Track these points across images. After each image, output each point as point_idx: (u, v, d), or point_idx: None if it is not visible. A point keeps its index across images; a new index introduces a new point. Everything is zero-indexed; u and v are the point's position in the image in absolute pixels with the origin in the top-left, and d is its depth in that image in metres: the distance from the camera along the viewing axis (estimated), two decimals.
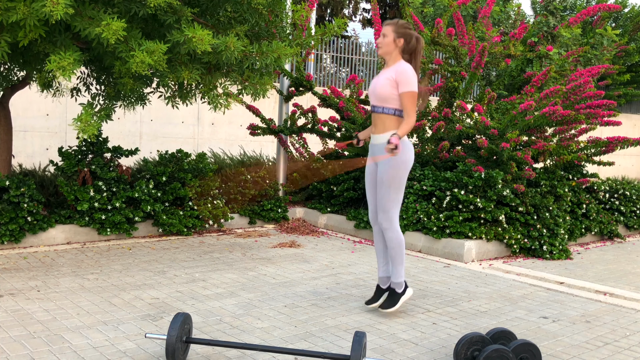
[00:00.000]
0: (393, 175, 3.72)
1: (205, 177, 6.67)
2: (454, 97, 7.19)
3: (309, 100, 10.86)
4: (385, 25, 3.79)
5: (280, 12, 5.12)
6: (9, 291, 4.05)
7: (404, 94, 3.67)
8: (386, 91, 3.72)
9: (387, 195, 3.75)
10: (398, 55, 3.79)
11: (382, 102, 3.76)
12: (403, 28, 3.76)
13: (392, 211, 3.78)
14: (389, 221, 3.78)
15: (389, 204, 3.77)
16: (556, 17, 10.21)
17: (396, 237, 3.80)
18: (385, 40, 3.76)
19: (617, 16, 15.07)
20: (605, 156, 14.57)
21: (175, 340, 2.83)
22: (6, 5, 3.89)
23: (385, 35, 3.76)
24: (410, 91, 3.66)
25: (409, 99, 3.67)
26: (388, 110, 3.76)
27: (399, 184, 3.74)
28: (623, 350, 3.50)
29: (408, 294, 3.92)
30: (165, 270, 4.81)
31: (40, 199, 5.44)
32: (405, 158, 3.73)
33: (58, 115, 8.32)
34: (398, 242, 3.81)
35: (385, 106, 3.76)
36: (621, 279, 5.32)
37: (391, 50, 3.77)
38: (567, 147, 6.82)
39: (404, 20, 3.81)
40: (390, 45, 3.76)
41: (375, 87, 3.79)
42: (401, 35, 3.75)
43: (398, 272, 3.88)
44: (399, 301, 3.88)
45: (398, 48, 3.77)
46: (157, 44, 4.13)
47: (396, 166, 3.71)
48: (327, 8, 21.92)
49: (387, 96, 3.72)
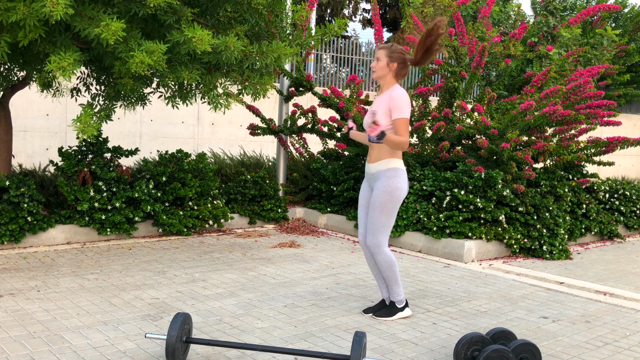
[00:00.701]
0: (386, 201, 3.72)
1: (205, 177, 6.67)
2: (454, 97, 7.19)
3: (309, 100, 10.86)
4: (379, 49, 3.80)
5: (280, 12, 5.12)
6: (9, 291, 4.05)
7: (397, 120, 3.66)
8: (382, 123, 3.71)
9: (379, 220, 3.75)
10: (392, 80, 3.79)
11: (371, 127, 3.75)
12: (397, 52, 3.76)
13: (381, 236, 3.77)
14: (377, 246, 3.78)
15: (379, 229, 3.76)
16: (556, 17, 10.21)
17: (385, 259, 3.80)
18: (379, 65, 3.77)
19: (617, 16, 15.08)
20: (605, 156, 14.57)
21: (175, 340, 2.83)
22: (6, 6, 3.89)
23: (379, 60, 3.77)
24: (403, 118, 3.66)
25: (401, 126, 3.66)
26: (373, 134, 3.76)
27: (391, 210, 3.74)
28: (623, 350, 3.50)
29: (406, 312, 3.94)
30: (165, 270, 4.81)
31: (40, 199, 5.44)
32: (400, 185, 3.74)
33: (58, 115, 8.32)
34: (389, 264, 3.81)
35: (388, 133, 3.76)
36: (621, 279, 5.32)
37: (385, 74, 3.78)
38: (567, 147, 6.82)
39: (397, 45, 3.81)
40: (384, 70, 3.77)
41: (367, 121, 3.79)
42: (394, 59, 3.75)
43: (396, 292, 3.90)
44: (396, 315, 3.90)
45: (392, 72, 3.77)
46: (156, 44, 4.13)
47: (390, 192, 3.72)
48: (327, 8, 21.92)
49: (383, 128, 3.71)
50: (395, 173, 3.73)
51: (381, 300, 4.01)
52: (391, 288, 3.88)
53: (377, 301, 4.26)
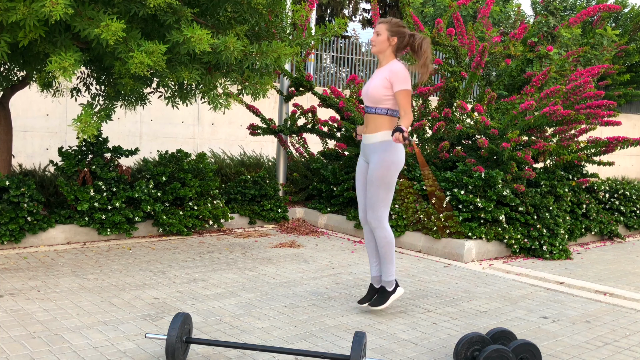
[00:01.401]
0: (383, 175, 3.73)
1: (205, 177, 6.67)
2: (454, 97, 7.19)
3: (309, 100, 10.86)
4: (379, 23, 3.80)
5: (280, 12, 5.12)
6: (9, 291, 4.05)
7: (399, 92, 3.68)
8: (379, 93, 3.73)
9: (377, 195, 3.75)
10: (391, 54, 3.80)
11: (375, 103, 3.78)
12: (397, 26, 3.76)
13: (381, 210, 3.78)
14: (378, 220, 3.78)
15: (378, 203, 3.77)
16: (556, 17, 10.21)
17: (385, 235, 3.80)
18: (379, 39, 3.77)
19: (617, 16, 15.07)
20: (605, 156, 14.57)
21: (175, 340, 2.83)
22: (6, 6, 3.89)
23: (379, 34, 3.77)
24: (405, 89, 3.68)
25: (404, 97, 3.68)
26: (381, 111, 3.78)
27: (388, 184, 3.75)
28: (623, 350, 3.50)
29: (398, 292, 3.92)
30: (165, 270, 4.81)
31: (40, 199, 5.44)
32: (396, 159, 3.74)
33: (58, 115, 8.32)
34: (387, 240, 3.81)
35: (378, 106, 3.78)
36: (621, 279, 5.32)
37: (385, 48, 3.78)
38: (567, 147, 6.82)
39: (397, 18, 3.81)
40: (384, 44, 3.77)
41: (368, 89, 3.80)
42: (395, 33, 3.76)
43: (388, 271, 3.89)
44: (389, 299, 3.89)
45: (392, 46, 3.78)
46: (156, 44, 4.13)
47: (386, 166, 3.72)
48: (327, 8, 21.92)
49: (380, 98, 3.74)
50: (391, 146, 3.73)
51: (370, 287, 4.00)
52: (385, 266, 3.87)
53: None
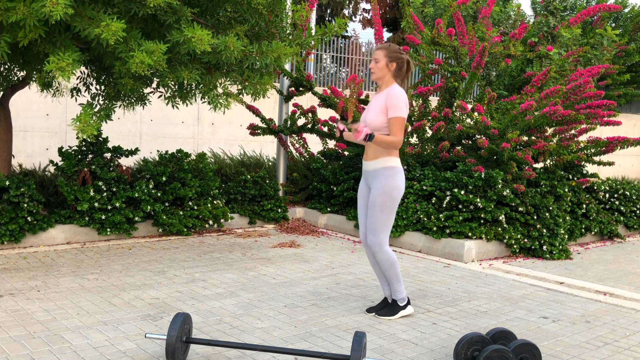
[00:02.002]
0: (385, 200, 3.73)
1: (205, 177, 6.67)
2: (454, 97, 7.19)
3: (309, 100, 10.86)
4: (377, 50, 3.82)
5: (280, 12, 5.12)
6: (9, 291, 4.05)
7: (393, 119, 3.69)
8: (378, 122, 3.74)
9: (379, 219, 3.76)
10: (391, 79, 3.83)
11: (374, 130, 3.78)
12: (395, 52, 3.80)
13: (382, 235, 3.78)
14: (379, 245, 3.79)
15: (379, 228, 3.77)
16: (556, 17, 10.21)
17: (387, 258, 3.81)
18: (378, 65, 3.80)
19: (617, 16, 15.08)
20: (605, 156, 14.57)
21: (175, 340, 2.83)
22: (6, 6, 3.89)
23: (378, 61, 3.80)
24: (399, 116, 3.68)
25: (396, 124, 3.68)
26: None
27: (390, 208, 3.75)
28: (623, 350, 3.50)
29: (409, 310, 3.94)
30: (165, 270, 4.81)
31: (40, 199, 5.44)
32: (398, 184, 3.75)
33: (58, 115, 8.32)
34: (390, 262, 3.82)
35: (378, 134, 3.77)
36: (621, 279, 5.32)
37: (384, 74, 3.81)
38: (567, 147, 6.82)
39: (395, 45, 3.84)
40: (383, 70, 3.80)
41: (366, 118, 3.81)
42: (393, 59, 3.79)
43: (397, 290, 3.90)
44: (398, 313, 3.91)
45: (391, 72, 3.81)
46: (156, 44, 4.13)
47: (388, 191, 3.73)
48: (327, 8, 21.93)
49: (379, 125, 3.75)
50: (393, 172, 3.74)
51: (383, 299, 4.01)
52: (393, 286, 3.89)
53: (378, 301, 4.26)
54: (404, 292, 3.91)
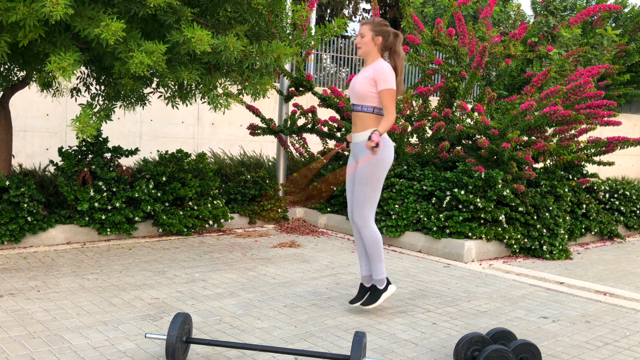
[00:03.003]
0: (371, 173, 3.73)
1: (205, 177, 6.67)
2: (454, 97, 7.19)
3: (309, 100, 10.86)
4: (362, 25, 3.83)
5: (280, 12, 5.12)
6: (9, 291, 4.05)
7: (383, 91, 3.70)
8: (365, 89, 3.75)
9: (364, 193, 3.76)
10: (377, 54, 3.83)
11: (361, 100, 3.80)
12: (380, 26, 3.80)
13: (367, 209, 3.78)
14: (364, 219, 3.79)
15: (364, 201, 3.77)
16: (556, 17, 10.21)
17: (371, 234, 3.80)
18: (364, 40, 3.80)
19: (617, 16, 15.07)
20: (605, 156, 14.57)
21: (175, 340, 2.83)
22: (6, 5, 3.89)
23: (363, 35, 3.80)
24: (389, 88, 3.69)
25: (387, 96, 3.70)
26: (367, 109, 3.79)
27: (376, 182, 3.76)
28: (623, 350, 3.50)
29: (390, 290, 3.92)
30: (165, 270, 4.81)
31: (40, 199, 5.44)
32: (384, 156, 3.74)
33: (58, 115, 8.32)
34: (374, 239, 3.82)
35: (364, 104, 3.80)
36: (621, 279, 5.32)
37: (370, 49, 3.81)
38: (567, 147, 6.82)
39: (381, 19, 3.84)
40: (369, 44, 3.80)
41: (354, 86, 3.82)
42: (379, 33, 3.79)
43: (378, 270, 3.89)
44: (380, 298, 3.89)
45: (377, 46, 3.81)
46: (156, 44, 4.13)
47: (374, 164, 3.73)
48: (327, 8, 21.93)
49: (366, 94, 3.75)
50: (382, 143, 3.73)
51: (360, 287, 4.01)
52: (374, 265, 3.88)
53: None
54: (384, 273, 3.90)
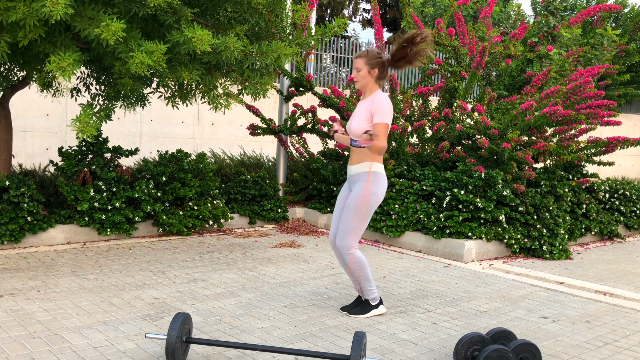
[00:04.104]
0: (362, 203, 3.72)
1: (205, 177, 6.67)
2: (454, 97, 7.19)
3: (309, 100, 10.86)
4: (356, 58, 3.80)
5: (280, 12, 5.12)
6: (9, 291, 4.05)
7: (378, 124, 3.67)
8: (363, 127, 3.74)
9: (351, 221, 3.74)
10: (374, 85, 3.81)
11: (358, 137, 3.79)
12: (375, 58, 3.77)
13: (351, 238, 3.76)
14: (346, 248, 3.77)
15: (349, 230, 3.75)
16: (556, 17, 10.21)
17: (355, 260, 3.79)
18: (361, 74, 3.78)
19: (617, 16, 15.07)
20: (605, 156, 14.57)
21: (175, 340, 2.83)
22: (6, 5, 3.89)
23: (359, 69, 3.78)
24: (384, 122, 3.68)
25: (381, 130, 3.67)
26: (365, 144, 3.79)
27: (365, 213, 3.74)
28: (623, 350, 3.50)
29: (380, 310, 3.93)
30: (165, 270, 4.81)
31: (40, 199, 5.44)
32: (376, 190, 3.74)
33: (58, 115, 8.32)
34: (359, 264, 3.80)
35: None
36: (621, 279, 5.32)
37: (368, 82, 3.80)
38: (567, 147, 6.82)
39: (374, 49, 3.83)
40: (365, 78, 3.79)
41: (351, 124, 3.81)
42: (374, 65, 3.77)
43: (368, 290, 3.89)
44: (370, 312, 3.90)
45: (373, 78, 3.79)
46: (156, 44, 4.13)
47: (366, 195, 3.72)
48: (327, 8, 21.93)
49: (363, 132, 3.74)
50: (375, 177, 3.73)
51: (357, 297, 4.01)
52: (363, 287, 3.87)
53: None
54: (375, 292, 3.89)
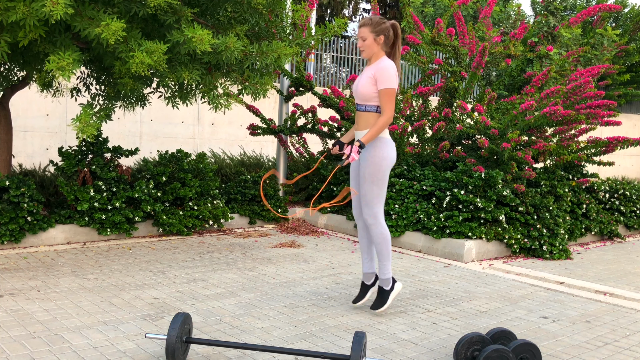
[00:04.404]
0: (375, 171, 3.75)
1: (205, 177, 6.67)
2: (454, 97, 7.19)
3: (309, 100, 10.86)
4: (361, 27, 3.79)
5: (280, 12, 5.12)
6: (9, 291, 4.05)
7: (382, 90, 3.70)
8: (367, 90, 3.75)
9: (370, 191, 3.77)
10: (380, 52, 3.81)
11: (364, 100, 3.80)
12: (379, 25, 3.76)
13: (377, 207, 3.78)
14: (374, 217, 3.78)
15: (372, 199, 3.77)
16: (556, 17, 10.21)
17: (381, 232, 3.80)
18: (367, 43, 3.77)
19: (617, 16, 15.07)
20: (605, 156, 14.57)
21: (175, 340, 2.83)
22: (6, 5, 3.89)
23: (365, 38, 3.77)
24: (388, 88, 3.69)
25: (386, 96, 3.69)
26: (370, 108, 3.80)
27: (381, 179, 3.76)
28: (623, 350, 3.50)
29: (397, 289, 3.92)
30: (165, 270, 4.81)
31: (40, 199, 5.44)
32: (387, 154, 3.75)
33: (58, 115, 8.32)
34: (384, 237, 3.81)
35: (368, 104, 3.80)
36: (621, 279, 5.32)
37: (374, 50, 3.79)
38: (567, 147, 6.82)
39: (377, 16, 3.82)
40: (372, 47, 3.78)
41: (357, 87, 3.82)
42: (380, 32, 3.76)
43: (385, 268, 3.88)
44: (389, 299, 3.89)
45: (379, 45, 3.79)
46: (156, 44, 4.13)
47: (377, 162, 3.74)
48: (327, 8, 21.93)
49: (369, 95, 3.76)
50: (381, 142, 3.75)
51: (362, 285, 4.01)
52: (381, 263, 3.87)
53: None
54: (390, 272, 3.90)
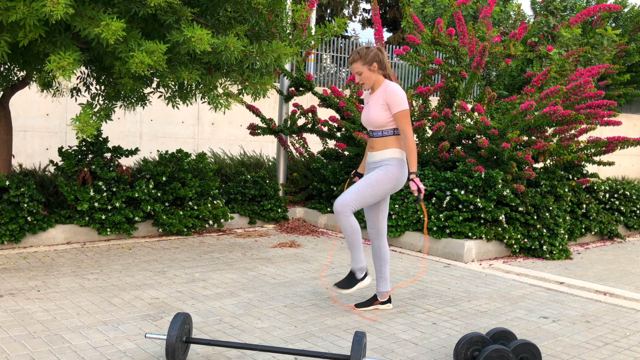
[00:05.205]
0: (381, 180, 3.78)
1: (205, 177, 6.67)
2: (454, 97, 7.19)
3: (309, 100, 10.86)
4: (352, 65, 3.84)
5: (280, 12, 5.12)
6: (9, 291, 4.05)
7: (398, 114, 3.75)
8: (381, 117, 3.79)
9: (363, 188, 3.78)
10: (380, 77, 3.87)
11: (379, 127, 3.85)
12: (367, 55, 3.81)
13: (353, 202, 3.76)
14: (345, 206, 3.75)
15: (356, 195, 3.76)
16: (556, 17, 10.22)
17: (351, 223, 3.79)
18: (364, 76, 3.83)
19: (617, 16, 15.07)
20: (605, 156, 14.57)
21: (175, 340, 2.83)
22: (6, 5, 3.89)
23: (360, 72, 3.83)
24: (403, 110, 3.75)
25: (403, 118, 3.75)
26: (387, 132, 3.84)
27: (379, 190, 3.79)
28: (623, 350, 3.50)
29: (366, 282, 3.96)
30: (165, 270, 4.81)
31: (40, 199, 5.44)
32: (399, 176, 3.82)
33: (58, 115, 8.32)
34: (353, 228, 3.81)
35: (384, 129, 3.84)
36: (621, 279, 5.32)
37: (374, 78, 3.85)
38: (567, 147, 6.82)
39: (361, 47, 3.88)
40: (371, 76, 3.84)
41: (369, 118, 3.85)
42: (371, 61, 3.81)
43: (357, 257, 3.89)
44: (355, 286, 3.93)
45: (376, 72, 3.85)
46: (156, 44, 4.13)
47: (389, 176, 3.79)
48: (327, 8, 21.93)
49: (384, 121, 3.81)
50: (400, 163, 3.82)
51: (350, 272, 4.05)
52: (352, 254, 3.89)
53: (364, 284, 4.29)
54: (363, 261, 3.91)
